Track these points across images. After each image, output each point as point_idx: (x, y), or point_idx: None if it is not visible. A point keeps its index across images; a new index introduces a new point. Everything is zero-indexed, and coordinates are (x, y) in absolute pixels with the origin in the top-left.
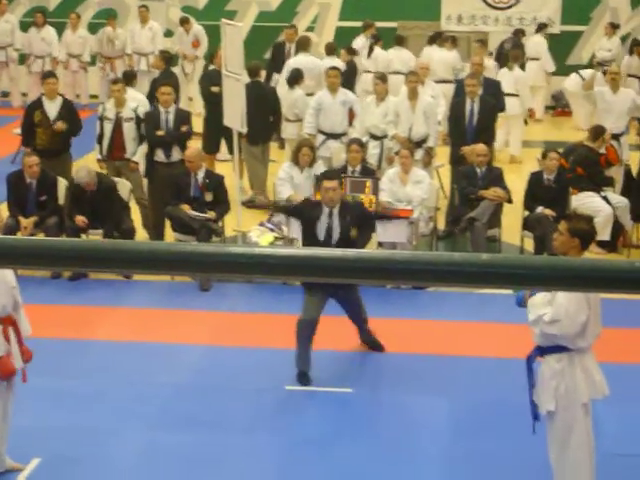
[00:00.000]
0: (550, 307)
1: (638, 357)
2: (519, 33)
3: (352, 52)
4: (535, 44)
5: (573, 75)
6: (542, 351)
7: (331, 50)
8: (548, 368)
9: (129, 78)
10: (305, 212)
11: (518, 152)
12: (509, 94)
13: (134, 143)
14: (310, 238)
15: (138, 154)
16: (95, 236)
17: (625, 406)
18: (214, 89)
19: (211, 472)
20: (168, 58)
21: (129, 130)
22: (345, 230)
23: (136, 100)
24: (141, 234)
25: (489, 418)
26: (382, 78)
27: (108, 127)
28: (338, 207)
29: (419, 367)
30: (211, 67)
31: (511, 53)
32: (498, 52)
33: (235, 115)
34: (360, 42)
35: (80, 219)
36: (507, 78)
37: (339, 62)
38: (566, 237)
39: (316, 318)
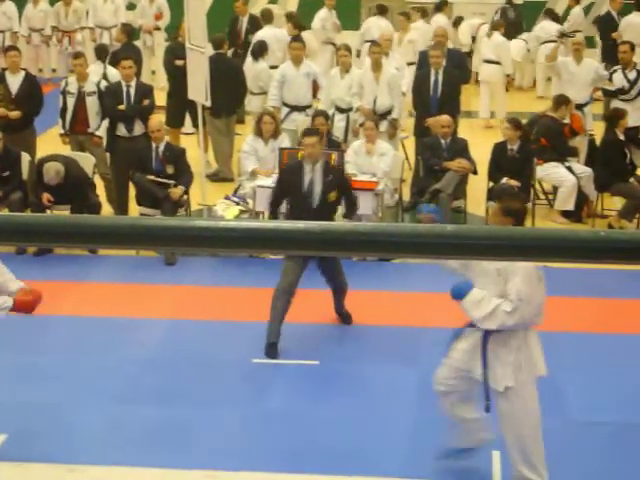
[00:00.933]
0: (498, 298)
1: (601, 326)
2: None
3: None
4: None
5: (514, 41)
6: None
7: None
8: (503, 344)
9: (101, 53)
10: (286, 181)
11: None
12: (490, 61)
13: (97, 117)
14: (295, 195)
15: (102, 128)
16: (62, 212)
17: (590, 374)
18: (178, 62)
19: (178, 445)
20: (130, 31)
21: (92, 104)
22: (326, 187)
23: (113, 76)
24: (106, 209)
25: None
26: (347, 49)
27: (71, 101)
28: (321, 165)
29: (385, 338)
30: (174, 40)
31: (492, 22)
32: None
33: (199, 88)
34: (322, 14)
35: (46, 197)
36: (487, 45)
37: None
38: (499, 217)
39: (294, 284)
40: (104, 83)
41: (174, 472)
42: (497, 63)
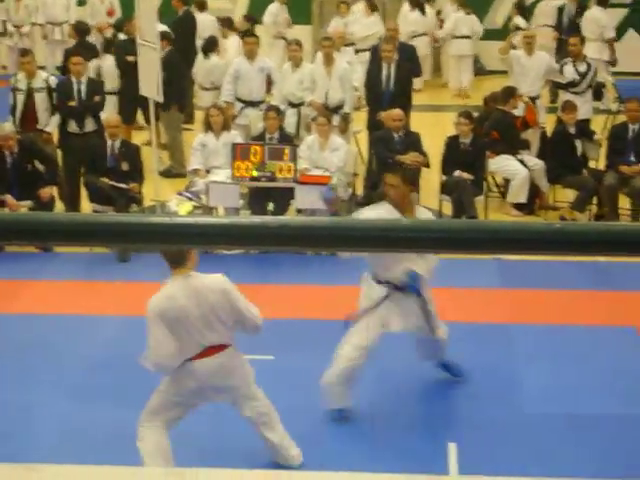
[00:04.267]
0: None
1: (558, 318)
2: None
3: (251, 20)
4: None
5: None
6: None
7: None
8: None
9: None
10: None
11: (467, 84)
12: (463, 36)
13: (47, 114)
14: None
15: (51, 125)
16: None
17: (546, 366)
18: (129, 59)
19: (129, 443)
20: (82, 29)
21: (41, 101)
22: None
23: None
24: (58, 206)
25: (408, 380)
26: (298, 44)
27: (20, 98)
28: None
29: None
30: (121, 36)
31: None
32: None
33: (151, 84)
34: (274, 8)
35: (11, 202)
36: (462, 21)
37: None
38: (402, 187)
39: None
40: (53, 79)
41: (135, 469)
42: (468, 37)
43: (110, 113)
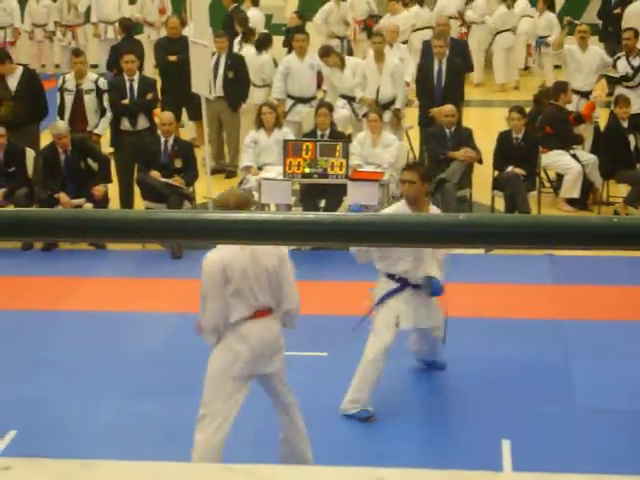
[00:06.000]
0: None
1: (611, 314)
2: None
3: (301, 17)
4: None
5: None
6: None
7: None
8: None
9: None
10: None
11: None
12: (505, 30)
13: (96, 115)
14: None
15: (101, 127)
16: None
17: (600, 362)
18: (171, 58)
19: (185, 438)
20: (129, 26)
21: (90, 102)
22: None
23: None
24: (112, 204)
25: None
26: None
27: (69, 99)
28: None
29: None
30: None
31: None
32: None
33: (203, 82)
34: (327, 7)
35: (65, 200)
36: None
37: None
38: (419, 184)
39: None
40: (102, 81)
41: (189, 466)
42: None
43: (162, 111)
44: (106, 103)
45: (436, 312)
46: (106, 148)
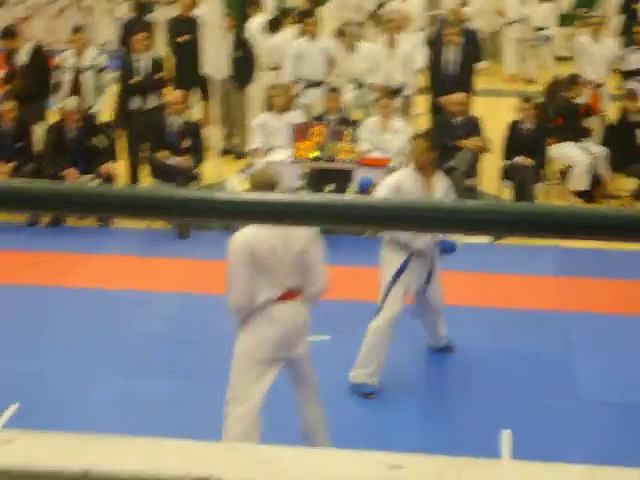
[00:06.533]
0: None
1: (616, 307)
2: None
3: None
4: None
5: None
6: None
7: None
8: None
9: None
10: None
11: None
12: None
13: (94, 93)
14: None
15: (97, 105)
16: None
17: (603, 355)
18: (180, 39)
19: (187, 417)
20: (141, 5)
21: (88, 80)
22: None
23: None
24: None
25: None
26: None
27: (67, 76)
28: None
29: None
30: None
31: None
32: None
33: (215, 63)
34: None
35: (72, 176)
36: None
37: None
38: (427, 152)
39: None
40: (102, 59)
41: (191, 444)
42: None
43: (172, 90)
44: (104, 80)
45: (438, 283)
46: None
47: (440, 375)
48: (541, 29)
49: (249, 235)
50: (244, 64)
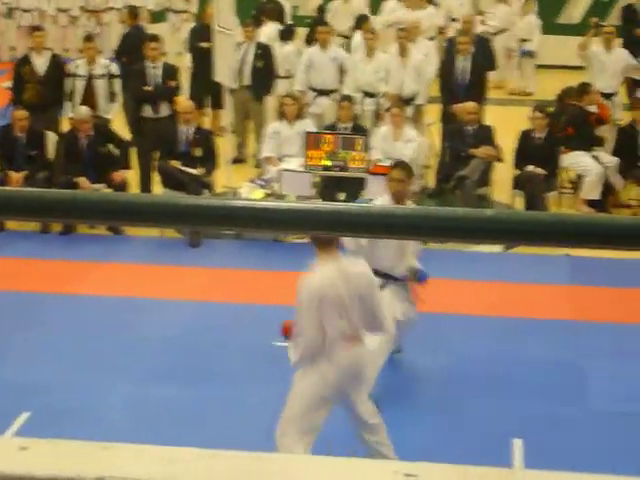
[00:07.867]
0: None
1: (627, 316)
2: None
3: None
4: None
5: None
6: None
7: None
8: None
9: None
10: None
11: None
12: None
13: (106, 100)
14: None
15: (110, 112)
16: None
17: (618, 364)
18: (202, 45)
19: (200, 424)
20: (135, 14)
21: (101, 87)
22: None
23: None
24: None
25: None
26: (374, 32)
27: (80, 84)
28: None
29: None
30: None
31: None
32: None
33: (226, 71)
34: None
35: (85, 184)
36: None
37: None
38: (407, 182)
39: None
40: (114, 67)
41: (206, 452)
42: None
43: (183, 100)
44: (116, 88)
45: (412, 306)
46: (124, 135)
47: (452, 384)
48: (525, 40)
49: (317, 281)
50: (265, 74)
